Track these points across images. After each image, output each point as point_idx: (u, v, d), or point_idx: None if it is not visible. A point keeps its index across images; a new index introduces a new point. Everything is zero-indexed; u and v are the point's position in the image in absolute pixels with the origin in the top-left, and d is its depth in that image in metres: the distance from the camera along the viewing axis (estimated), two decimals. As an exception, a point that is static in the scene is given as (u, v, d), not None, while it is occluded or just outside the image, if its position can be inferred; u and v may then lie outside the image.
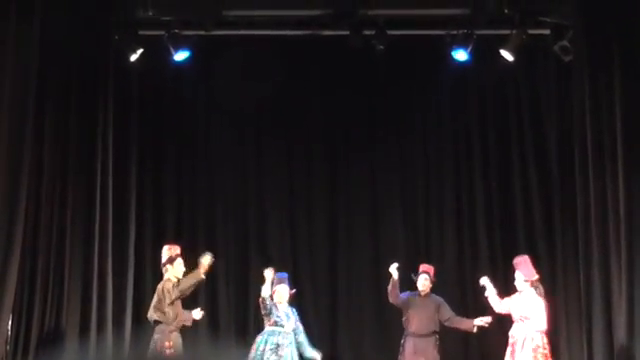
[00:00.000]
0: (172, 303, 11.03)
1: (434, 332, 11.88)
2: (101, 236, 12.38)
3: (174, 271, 11.18)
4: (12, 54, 11.27)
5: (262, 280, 11.44)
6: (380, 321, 13.23)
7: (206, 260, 11.23)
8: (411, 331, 11.86)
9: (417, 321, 11.85)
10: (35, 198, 11.93)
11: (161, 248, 11.43)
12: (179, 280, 11.14)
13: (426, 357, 11.76)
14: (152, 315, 11.10)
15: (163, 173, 13.46)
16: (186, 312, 11.27)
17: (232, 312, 13.25)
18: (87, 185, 12.38)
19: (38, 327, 11.95)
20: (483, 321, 11.71)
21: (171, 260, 11.21)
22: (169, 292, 11.02)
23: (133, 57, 12.56)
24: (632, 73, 11.49)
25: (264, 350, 11.21)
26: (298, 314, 11.64)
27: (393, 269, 11.90)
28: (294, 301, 11.81)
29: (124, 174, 12.90)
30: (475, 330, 11.83)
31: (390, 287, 11.93)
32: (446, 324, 11.95)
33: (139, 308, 12.59)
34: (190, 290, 11.21)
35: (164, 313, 11.00)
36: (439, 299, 12.01)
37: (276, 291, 11.47)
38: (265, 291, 11.35)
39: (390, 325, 12.90)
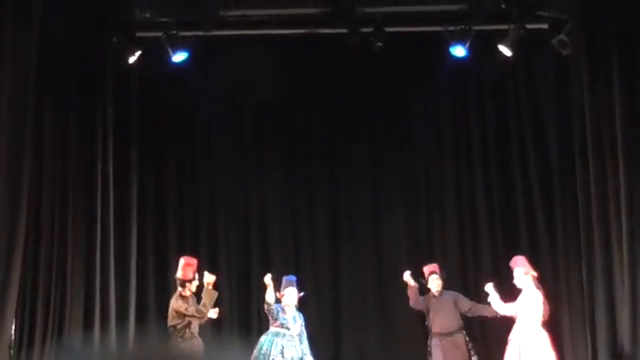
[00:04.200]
0: (189, 324, 11.07)
1: (460, 328, 11.83)
2: (103, 239, 12.38)
3: (190, 288, 11.27)
4: (10, 58, 11.22)
5: (263, 286, 11.46)
6: (383, 322, 13.19)
7: (211, 278, 11.29)
8: (436, 331, 11.82)
9: (439, 320, 11.80)
10: (35, 204, 11.89)
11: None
12: (192, 294, 11.21)
13: (455, 355, 11.74)
14: (169, 327, 11.18)
15: (164, 174, 13.44)
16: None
17: (235, 316, 13.21)
18: (88, 188, 12.34)
19: (41, 333, 11.94)
20: None
21: (190, 280, 11.22)
22: (182, 314, 11.03)
23: (131, 59, 12.53)
24: (630, 66, 11.40)
25: (268, 352, 11.20)
26: (304, 320, 11.60)
27: (408, 277, 11.92)
28: (300, 304, 11.77)
29: (124, 175, 12.88)
30: (499, 315, 11.74)
31: (411, 294, 11.96)
32: (469, 315, 11.86)
33: (142, 313, 12.75)
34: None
35: (178, 330, 11.06)
36: (454, 293, 11.97)
37: (285, 294, 11.46)
38: (269, 297, 11.35)
39: (393, 325, 12.92)
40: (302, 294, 11.62)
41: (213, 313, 11.39)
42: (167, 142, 13.50)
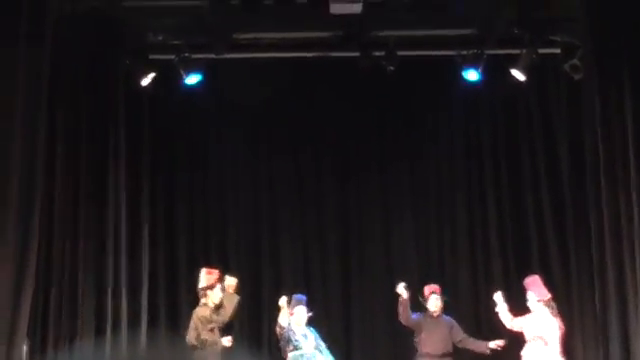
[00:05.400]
0: (212, 330, 11.16)
1: (449, 354, 11.83)
2: (115, 249, 12.41)
3: (212, 297, 11.36)
4: (23, 80, 11.27)
5: (276, 308, 11.49)
6: (394, 344, 13.18)
7: (232, 281, 11.49)
8: (425, 352, 11.82)
9: (432, 342, 11.81)
10: (47, 218, 11.90)
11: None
12: (217, 306, 11.27)
13: None
14: (190, 340, 11.23)
15: (175, 194, 13.55)
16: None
17: (245, 334, 13.21)
18: (100, 202, 12.35)
19: (52, 344, 11.92)
20: (496, 344, 11.67)
21: (211, 287, 11.36)
22: (207, 319, 11.18)
23: (144, 81, 12.62)
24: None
25: None
26: (317, 332, 11.67)
27: (401, 289, 11.86)
28: (309, 323, 11.80)
29: (136, 191, 12.96)
30: (488, 352, 11.77)
31: (401, 308, 11.90)
32: (459, 345, 11.92)
33: (154, 327, 12.77)
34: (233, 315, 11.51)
35: (201, 340, 11.12)
36: (451, 320, 11.99)
37: (294, 313, 11.47)
38: (283, 320, 11.35)
39: (404, 347, 12.85)
40: (311, 314, 11.61)
41: (227, 342, 11.40)
42: (179, 163, 13.60)
